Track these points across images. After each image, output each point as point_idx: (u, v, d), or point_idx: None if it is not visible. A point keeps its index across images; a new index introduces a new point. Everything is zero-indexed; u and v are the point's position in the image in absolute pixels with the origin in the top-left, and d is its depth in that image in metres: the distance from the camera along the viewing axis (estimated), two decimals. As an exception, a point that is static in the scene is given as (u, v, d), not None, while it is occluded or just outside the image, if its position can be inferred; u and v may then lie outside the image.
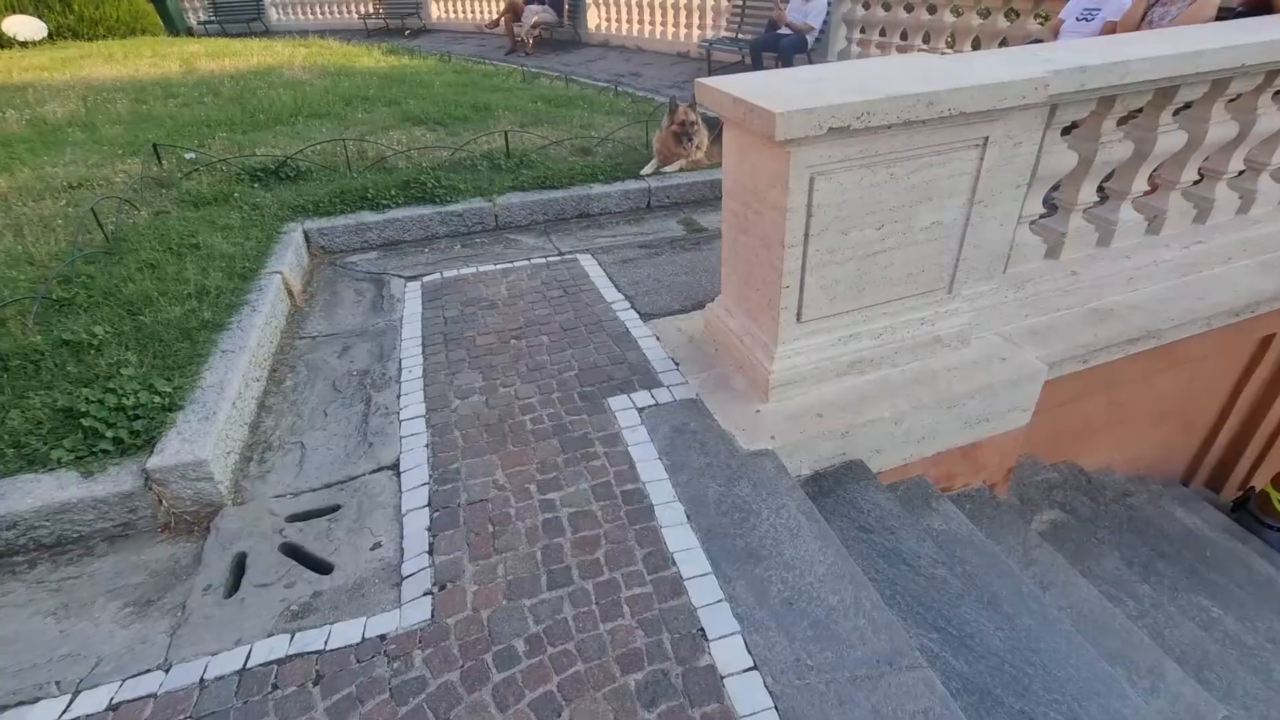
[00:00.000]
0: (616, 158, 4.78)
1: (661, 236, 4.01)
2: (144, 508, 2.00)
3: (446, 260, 3.77)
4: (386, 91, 6.42)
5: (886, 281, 2.30)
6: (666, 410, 2.38)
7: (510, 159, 4.55)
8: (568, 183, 4.34)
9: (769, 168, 2.04)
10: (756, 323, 2.40)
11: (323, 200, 3.96)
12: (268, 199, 3.94)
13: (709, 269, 3.50)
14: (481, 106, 5.90)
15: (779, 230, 2.07)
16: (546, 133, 5.27)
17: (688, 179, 4.50)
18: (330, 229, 3.83)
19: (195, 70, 7.89)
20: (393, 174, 4.30)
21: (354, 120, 5.44)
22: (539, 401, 2.45)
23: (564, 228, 4.19)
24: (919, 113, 1.90)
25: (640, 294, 3.24)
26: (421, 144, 4.90)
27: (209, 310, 2.75)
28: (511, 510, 1.97)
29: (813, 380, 2.36)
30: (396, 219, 3.93)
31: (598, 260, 3.68)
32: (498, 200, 4.12)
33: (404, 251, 3.89)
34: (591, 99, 6.50)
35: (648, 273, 3.48)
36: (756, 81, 2.15)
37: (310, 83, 6.93)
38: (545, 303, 3.19)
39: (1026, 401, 2.55)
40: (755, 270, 2.30)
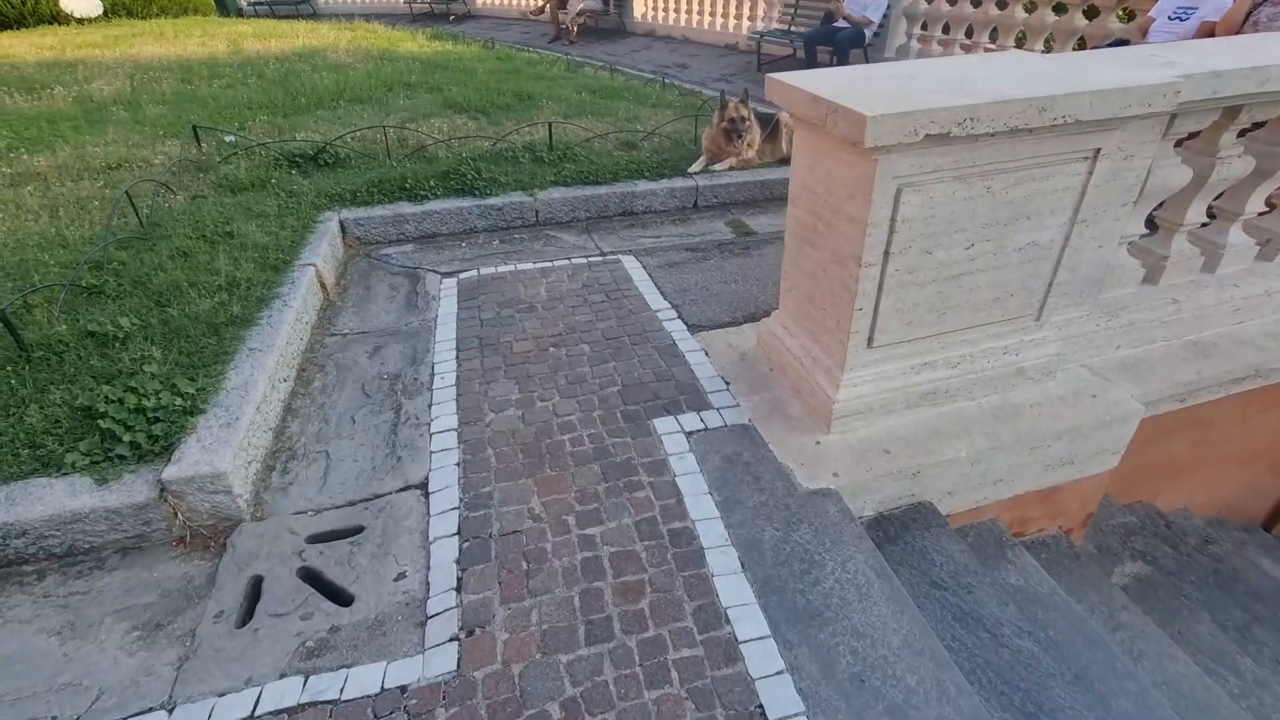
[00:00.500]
0: (663, 153, 4.57)
1: (709, 239, 3.80)
2: (159, 520, 1.88)
3: (484, 256, 3.61)
4: (429, 77, 6.30)
5: (969, 306, 2.06)
6: (717, 437, 2.18)
7: (553, 151, 4.38)
8: (611, 179, 4.15)
9: (848, 176, 1.82)
10: (819, 344, 2.19)
11: (360, 189, 3.83)
12: (305, 186, 3.83)
13: (760, 278, 3.28)
14: (524, 95, 5.74)
15: (855, 247, 1.85)
16: (590, 125, 5.08)
17: (737, 179, 4.27)
18: (366, 219, 3.71)
19: (241, 51, 7.88)
20: (432, 164, 4.16)
21: (395, 106, 5.32)
22: (579, 419, 2.28)
23: (606, 226, 4.00)
24: (1029, 120, 1.66)
25: (687, 302, 3.04)
26: (463, 133, 4.76)
27: (238, 304, 2.63)
28: (548, 545, 1.80)
29: (880, 411, 2.14)
30: (434, 211, 3.79)
31: (641, 263, 3.49)
32: (539, 195, 3.95)
33: (441, 245, 3.75)
34: (637, 91, 6.29)
35: (695, 279, 3.27)
36: (836, 78, 1.93)
37: (353, 66, 6.84)
38: (586, 307, 3.01)
39: (1117, 444, 2.29)
40: (822, 288, 2.08)
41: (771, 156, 4.51)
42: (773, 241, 3.73)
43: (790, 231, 2.24)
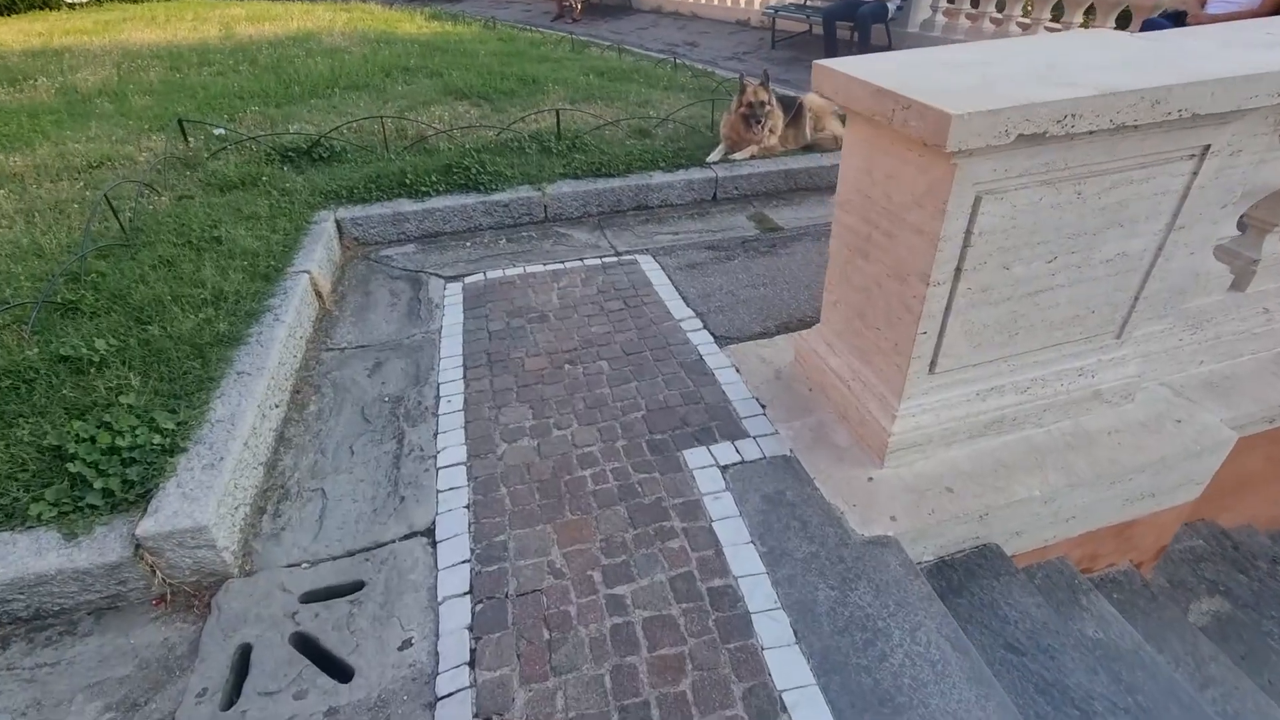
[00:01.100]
0: (678, 141, 4.29)
1: (731, 236, 3.54)
2: (135, 579, 1.67)
3: (490, 257, 3.37)
4: (428, 61, 6.00)
5: (1045, 325, 1.81)
6: (756, 471, 1.95)
7: (561, 141, 4.10)
8: (624, 170, 3.88)
9: (916, 181, 1.56)
10: (871, 368, 1.95)
11: (357, 185, 3.58)
12: (298, 183, 3.58)
13: (790, 280, 3.02)
14: (529, 79, 5.44)
15: (922, 262, 1.60)
16: (600, 110, 4.79)
17: (759, 168, 3.99)
18: (365, 218, 3.46)
19: (234, 35, 7.57)
20: (433, 156, 3.90)
21: (393, 93, 5.03)
22: (600, 451, 2.05)
23: (620, 221, 3.75)
24: (1140, 115, 1.40)
25: (712, 310, 2.79)
26: (465, 122, 4.48)
27: (225, 321, 2.41)
28: (572, 609, 1.58)
29: (940, 443, 1.90)
30: (436, 209, 3.54)
31: (660, 263, 3.23)
32: (547, 189, 3.69)
33: (444, 245, 3.51)
34: (647, 72, 5.97)
35: (719, 282, 3.02)
36: (896, 65, 1.66)
37: (349, 50, 6.53)
38: (603, 316, 2.77)
39: (1204, 474, 2.05)
40: (877, 306, 1.84)
41: (795, 143, 4.22)
42: (800, 238, 3.47)
43: (838, 239, 1.99)
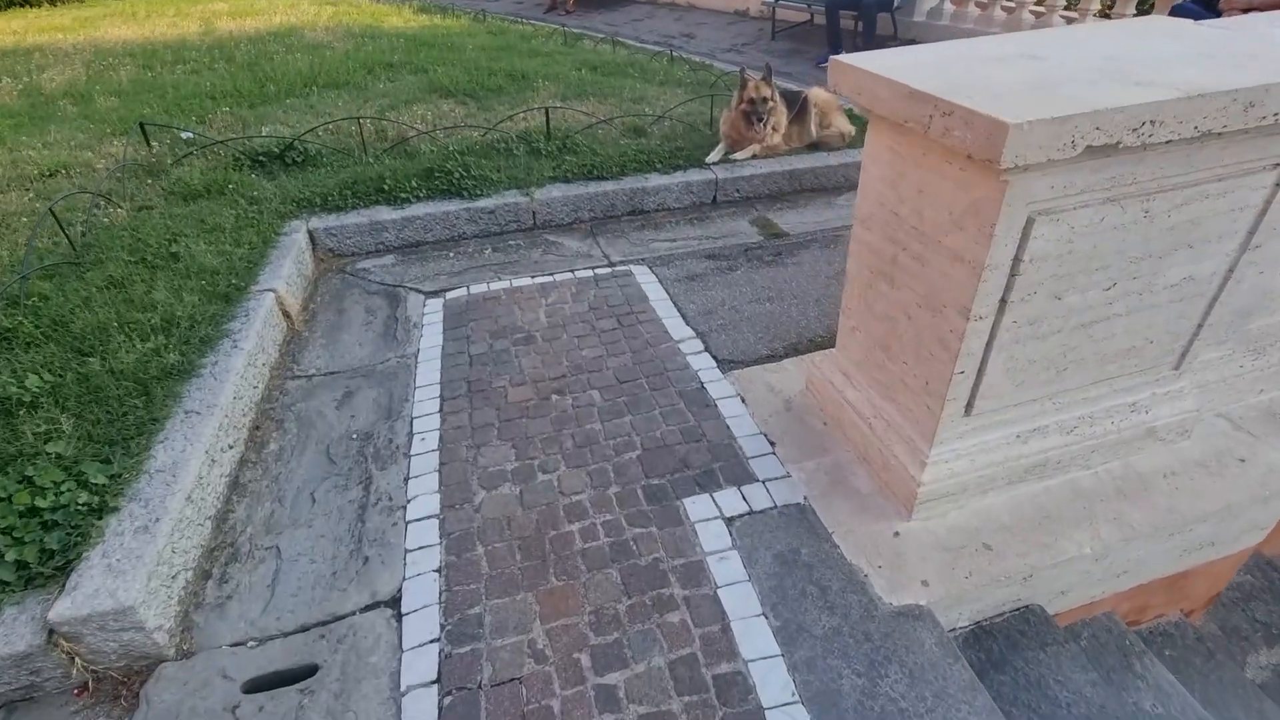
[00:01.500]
0: (675, 140, 4.04)
1: (733, 243, 3.30)
2: (50, 667, 1.45)
3: (475, 269, 3.13)
4: (413, 56, 5.73)
5: (1097, 359, 1.58)
6: (766, 524, 1.72)
7: (551, 141, 3.85)
8: (618, 172, 3.64)
9: (955, 199, 1.33)
10: (896, 405, 1.72)
11: (332, 192, 3.34)
12: (268, 191, 3.33)
13: (798, 294, 2.78)
14: (518, 75, 5.18)
15: (961, 293, 1.37)
16: (592, 108, 4.54)
17: (761, 169, 3.75)
18: (340, 228, 3.22)
19: (214, 31, 7.29)
20: (414, 159, 3.65)
21: (374, 92, 4.77)
22: (591, 500, 1.82)
23: (614, 228, 3.50)
24: (1229, 119, 1.16)
25: (714, 329, 2.56)
26: (449, 121, 4.23)
27: (176, 350, 2.17)
28: (555, 703, 1.36)
29: (975, 490, 1.68)
30: (417, 217, 3.30)
31: (656, 275, 3.00)
32: (536, 194, 3.45)
33: (425, 256, 3.27)
34: (643, 66, 5.71)
35: (720, 296, 2.78)
36: (928, 60, 1.42)
37: (331, 46, 6.26)
38: (594, 337, 2.54)
39: (1271, 519, 1.83)
40: (905, 338, 1.61)
41: (800, 141, 3.97)
42: (807, 245, 3.23)
43: (856, 258, 1.76)
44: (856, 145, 4.00)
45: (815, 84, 6.06)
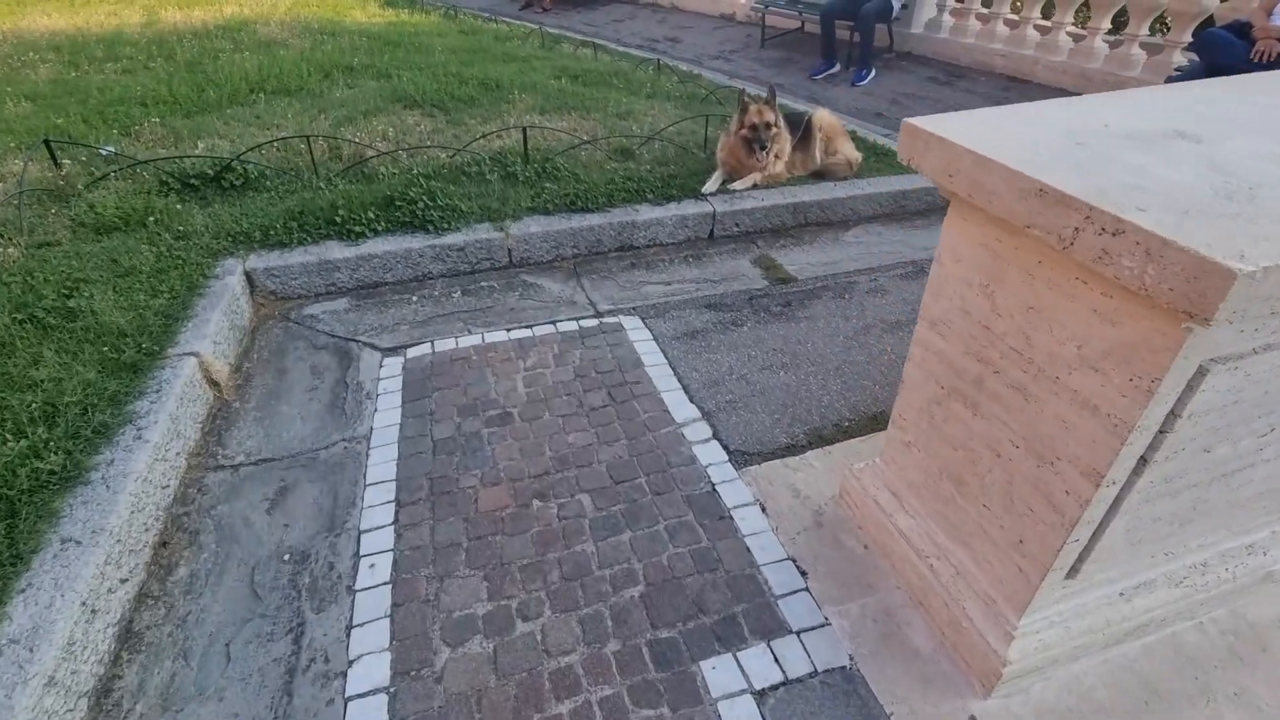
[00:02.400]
0: (666, 164, 3.67)
1: (735, 289, 2.94)
2: None
3: (441, 318, 2.72)
4: (376, 59, 5.25)
5: (1227, 506, 1.26)
6: (806, 700, 1.37)
7: (528, 165, 3.45)
8: (604, 203, 3.25)
9: (1093, 334, 0.98)
10: (970, 552, 1.37)
11: (276, 224, 2.89)
12: (199, 222, 2.87)
13: (815, 359, 2.43)
14: (491, 83, 4.74)
15: (1092, 452, 1.03)
16: (574, 124, 4.13)
17: (764, 201, 3.40)
18: (283, 268, 2.78)
19: (156, 22, 6.68)
20: (373, 184, 3.21)
21: (330, 100, 4.30)
22: (584, 663, 1.44)
23: (600, 267, 3.12)
24: None
25: (721, 406, 2.19)
26: (414, 137, 3.79)
27: (59, 450, 1.73)
28: None
29: (1067, 659, 1.34)
30: (374, 255, 2.87)
31: (650, 330, 2.62)
32: (511, 229, 3.04)
33: (384, 299, 2.84)
34: (627, 75, 5.32)
35: (727, 362, 2.42)
36: (1040, 136, 1.07)
37: (286, 44, 5.74)
38: (582, 416, 2.15)
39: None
40: (990, 479, 1.26)
41: (803, 169, 3.63)
42: (818, 294, 2.88)
43: (921, 366, 1.40)
44: (865, 174, 3.68)
45: (808, 97, 5.76)
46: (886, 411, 2.14)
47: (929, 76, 5.84)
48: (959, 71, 5.86)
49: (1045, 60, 5.20)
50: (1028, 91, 5.29)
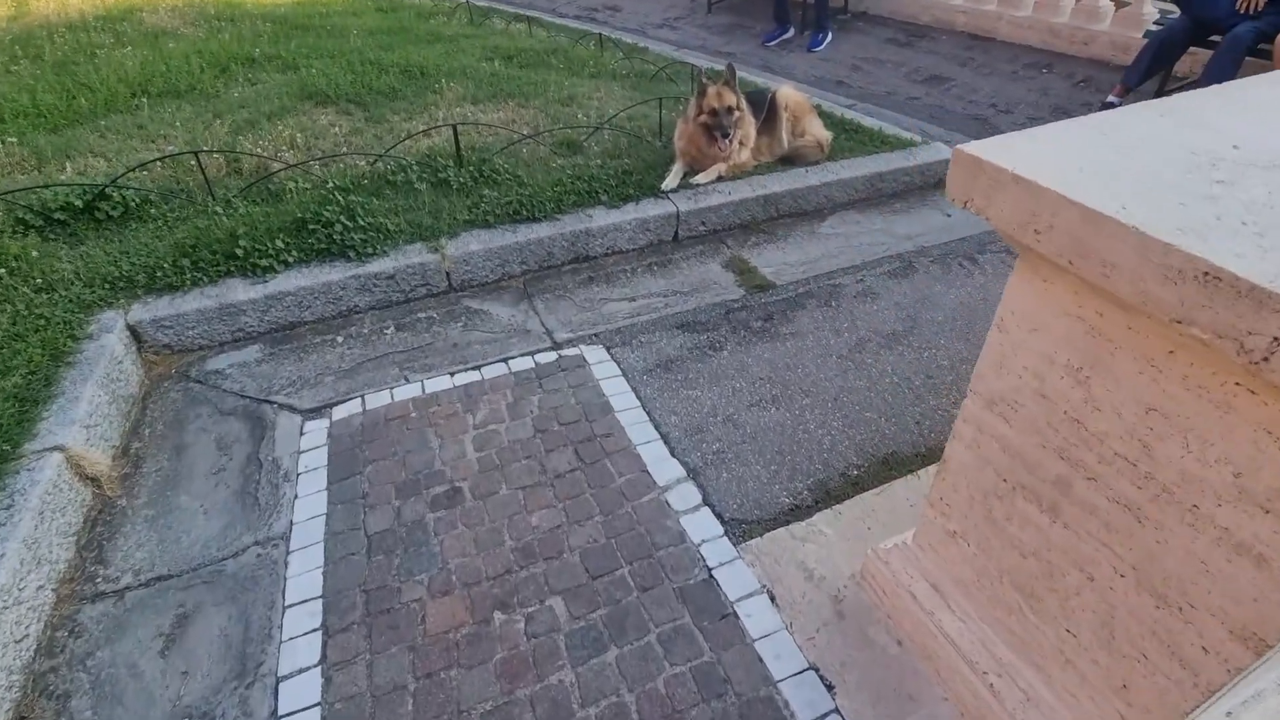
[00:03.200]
0: (618, 156, 3.29)
1: (707, 301, 2.61)
2: None
3: (372, 362, 2.33)
4: (281, 47, 4.65)
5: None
6: None
7: (463, 168, 3.02)
8: (553, 208, 2.86)
9: (1274, 466, 0.69)
10: (1047, 680, 1.10)
11: (164, 262, 2.43)
12: (65, 269, 2.38)
13: (810, 390, 2.13)
14: (415, 70, 4.23)
15: (1252, 611, 0.74)
16: (512, 114, 3.70)
17: (731, 195, 3.05)
18: (177, 317, 2.33)
19: (26, 14, 5.85)
20: (281, 204, 2.76)
21: (228, 101, 3.74)
22: None
23: (554, 284, 2.75)
24: None
25: (709, 459, 1.88)
26: (328, 142, 3.31)
27: None
28: None
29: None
30: (286, 293, 2.44)
31: (617, 362, 2.29)
32: (448, 248, 2.64)
33: (304, 344, 2.43)
34: (567, 53, 4.85)
35: (707, 399, 2.10)
36: (1162, 172, 0.76)
37: (178, 34, 5.07)
38: (546, 487, 1.81)
39: None
40: (1077, 604, 0.98)
41: (770, 155, 3.29)
42: (802, 303, 2.57)
43: (972, 448, 1.11)
44: (836, 154, 3.36)
45: (762, 65, 5.38)
46: (899, 452, 1.86)
47: (888, 38, 5.52)
48: (919, 31, 5.55)
49: (1009, 15, 4.93)
50: (992, 49, 5.03)
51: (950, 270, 2.74)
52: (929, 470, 1.78)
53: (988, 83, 4.62)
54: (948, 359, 2.21)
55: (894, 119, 4.16)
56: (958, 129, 4.10)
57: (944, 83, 4.70)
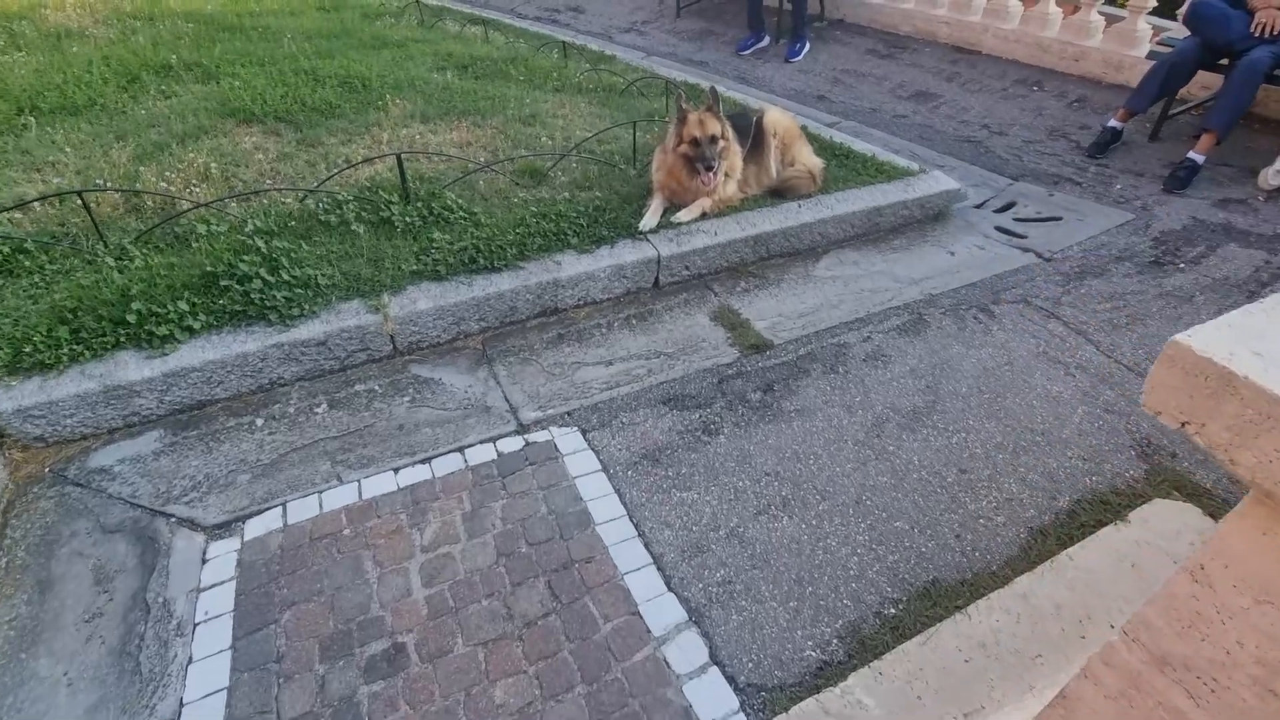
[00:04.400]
0: (589, 185, 2.92)
1: (697, 367, 2.27)
2: None
3: (299, 452, 1.93)
4: (204, 53, 4.12)
5: None
6: None
7: (409, 205, 2.61)
8: (516, 254, 2.47)
9: None
10: None
11: (34, 333, 1.97)
12: (-97, 345, 1.91)
13: (827, 491, 1.80)
14: (357, 82, 3.77)
15: None
16: (467, 135, 3.29)
17: (718, 236, 2.71)
18: (50, 405, 1.88)
19: (-92, 7, 5.15)
20: (187, 251, 2.31)
21: (134, 118, 3.23)
22: None
23: (517, 343, 2.38)
24: None
25: (714, 594, 1.54)
26: (249, 173, 2.85)
27: None
28: None
29: None
30: (192, 369, 2.01)
31: (596, 451, 1.93)
32: (391, 308, 2.24)
33: (214, 428, 2.01)
34: (528, 62, 4.43)
35: (707, 504, 1.76)
36: None
37: (85, 34, 4.48)
38: (514, 641, 1.45)
39: None
40: None
41: (758, 187, 2.96)
42: (806, 369, 2.25)
43: (1115, 697, 0.78)
44: (828, 185, 3.05)
45: (736, 76, 5.05)
46: (940, 580, 1.55)
47: (868, 48, 5.25)
48: (899, 41, 5.30)
49: (995, 28, 4.71)
50: (978, 64, 4.80)
51: (965, 325, 2.45)
52: (980, 607, 1.48)
53: (977, 100, 4.38)
54: (980, 445, 1.92)
55: (884, 140, 3.89)
56: (950, 152, 3.85)
57: (931, 99, 4.44)
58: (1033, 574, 1.57)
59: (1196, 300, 2.58)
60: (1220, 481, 1.81)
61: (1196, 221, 3.11)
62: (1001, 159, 3.76)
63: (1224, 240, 2.95)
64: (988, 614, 1.48)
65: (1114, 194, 3.38)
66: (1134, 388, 2.15)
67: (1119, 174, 3.55)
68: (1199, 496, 1.77)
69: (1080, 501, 1.76)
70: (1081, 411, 2.05)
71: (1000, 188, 3.49)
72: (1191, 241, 2.97)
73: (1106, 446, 1.93)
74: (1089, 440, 1.95)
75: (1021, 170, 3.64)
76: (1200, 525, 1.69)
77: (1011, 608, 1.49)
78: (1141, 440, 1.95)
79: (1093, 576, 1.57)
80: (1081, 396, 2.12)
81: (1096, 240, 3.02)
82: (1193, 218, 3.14)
